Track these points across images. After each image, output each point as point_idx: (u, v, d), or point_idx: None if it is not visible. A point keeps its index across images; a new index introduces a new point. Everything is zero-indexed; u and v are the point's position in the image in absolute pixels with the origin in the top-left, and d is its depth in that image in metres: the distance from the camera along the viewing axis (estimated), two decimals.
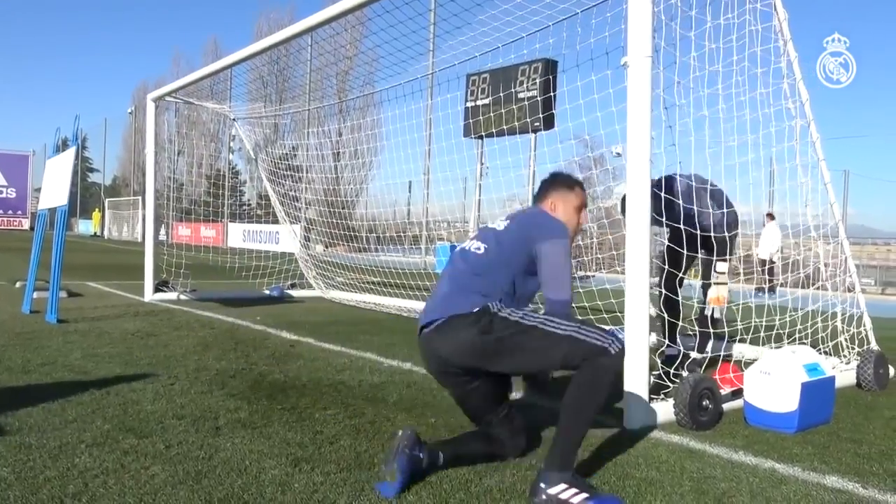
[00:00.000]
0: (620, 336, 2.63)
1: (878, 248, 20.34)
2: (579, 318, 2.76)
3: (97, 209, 46.43)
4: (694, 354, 4.27)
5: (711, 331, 4.53)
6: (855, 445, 3.28)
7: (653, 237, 3.59)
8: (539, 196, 3.07)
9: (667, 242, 4.18)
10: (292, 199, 11.06)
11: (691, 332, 4.85)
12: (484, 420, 2.89)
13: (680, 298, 4.86)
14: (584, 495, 2.35)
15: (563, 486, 2.38)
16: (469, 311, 2.63)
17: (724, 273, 3.76)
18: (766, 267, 13.63)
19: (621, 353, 2.51)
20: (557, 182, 3.06)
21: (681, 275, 4.85)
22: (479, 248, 2.81)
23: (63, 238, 6.52)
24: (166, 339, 5.59)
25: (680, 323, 4.97)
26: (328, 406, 3.62)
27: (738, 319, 4.45)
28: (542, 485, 2.40)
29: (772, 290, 11.98)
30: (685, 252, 4.42)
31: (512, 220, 2.92)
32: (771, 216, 13.06)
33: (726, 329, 4.46)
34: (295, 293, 9.79)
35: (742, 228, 5.14)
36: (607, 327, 5.77)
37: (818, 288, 4.96)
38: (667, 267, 4.24)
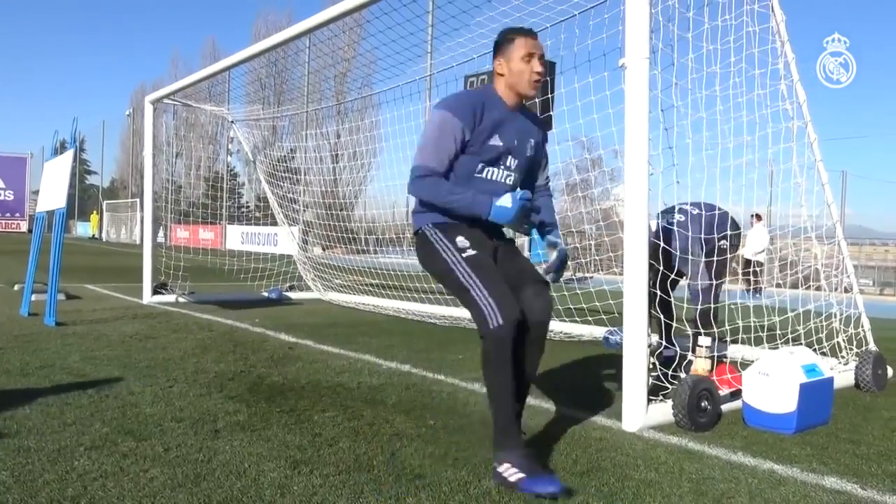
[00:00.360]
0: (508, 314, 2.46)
1: (876, 248, 20.38)
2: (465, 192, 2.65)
3: (95, 211, 46.40)
4: (691, 356, 4.27)
5: (710, 331, 4.53)
6: (853, 446, 3.29)
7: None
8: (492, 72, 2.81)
9: (661, 244, 4.17)
10: (291, 200, 11.06)
11: (688, 333, 4.85)
12: None
13: (672, 299, 4.86)
14: (521, 475, 2.47)
15: (506, 465, 2.51)
16: (415, 231, 2.83)
17: (706, 347, 3.75)
18: (752, 268, 13.72)
19: (498, 330, 2.46)
20: (498, 42, 2.79)
21: (673, 275, 4.84)
22: None
23: (61, 240, 6.51)
24: (165, 341, 5.58)
25: (674, 324, 4.97)
26: (327, 408, 3.62)
27: (739, 320, 4.45)
28: (494, 464, 2.57)
29: (757, 290, 11.99)
30: (678, 255, 4.42)
31: None
32: (758, 217, 13.01)
33: (715, 330, 4.45)
34: (293, 295, 9.78)
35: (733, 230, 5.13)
36: (605, 329, 5.74)
37: (816, 289, 4.97)
38: (661, 268, 4.24)
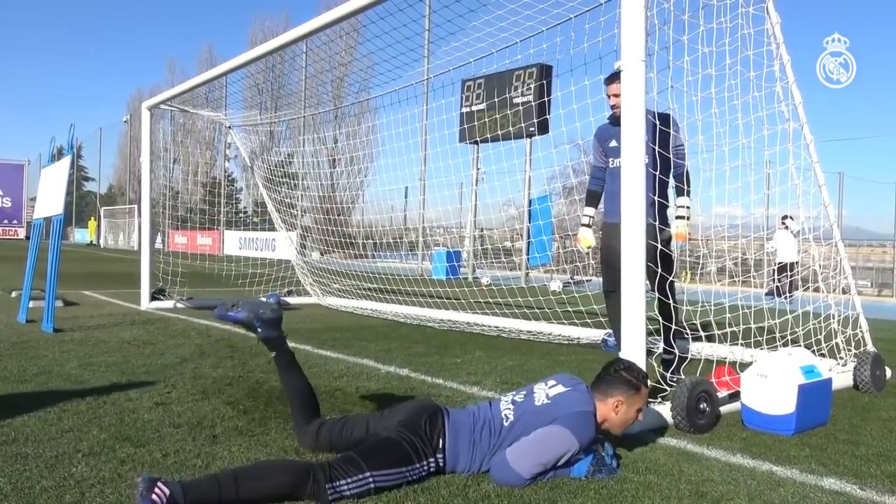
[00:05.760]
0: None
1: (874, 249, 20.42)
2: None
3: (93, 218, 46.34)
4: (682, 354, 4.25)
5: (691, 332, 4.50)
6: (852, 447, 3.29)
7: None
8: (601, 386, 2.86)
9: (660, 246, 4.17)
10: (289, 205, 11.06)
11: (686, 336, 4.84)
12: None
13: (673, 302, 4.85)
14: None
15: None
16: None
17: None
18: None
19: None
20: (623, 379, 2.86)
21: (671, 278, 4.82)
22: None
23: (59, 247, 6.51)
24: (163, 347, 5.57)
25: (674, 326, 4.96)
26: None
27: (740, 322, 4.45)
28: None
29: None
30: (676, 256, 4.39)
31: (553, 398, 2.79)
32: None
33: (676, 331, 4.41)
34: (292, 300, 9.77)
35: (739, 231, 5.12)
36: (604, 331, 5.69)
37: (814, 290, 4.97)
38: (660, 270, 4.24)
